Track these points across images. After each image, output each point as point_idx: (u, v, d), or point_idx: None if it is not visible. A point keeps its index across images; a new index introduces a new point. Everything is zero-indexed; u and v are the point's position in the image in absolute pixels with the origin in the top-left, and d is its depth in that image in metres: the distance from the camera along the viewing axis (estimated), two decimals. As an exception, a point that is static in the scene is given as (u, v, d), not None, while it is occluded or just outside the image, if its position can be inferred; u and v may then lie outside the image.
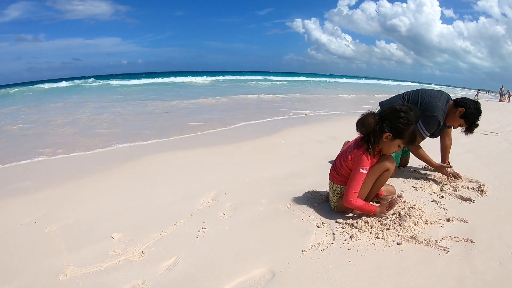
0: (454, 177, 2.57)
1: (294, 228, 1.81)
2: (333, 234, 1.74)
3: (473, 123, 2.50)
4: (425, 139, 2.64)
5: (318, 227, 1.82)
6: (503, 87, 21.26)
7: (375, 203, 2.03)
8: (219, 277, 1.39)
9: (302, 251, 1.57)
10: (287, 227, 1.82)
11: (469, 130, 2.54)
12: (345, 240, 1.67)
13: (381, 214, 1.85)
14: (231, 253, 1.57)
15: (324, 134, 4.71)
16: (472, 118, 2.48)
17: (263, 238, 1.71)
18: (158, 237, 1.73)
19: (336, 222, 1.86)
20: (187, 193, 2.37)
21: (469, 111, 2.46)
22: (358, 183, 1.82)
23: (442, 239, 1.65)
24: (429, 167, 2.85)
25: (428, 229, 1.75)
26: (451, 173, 2.59)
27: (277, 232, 1.77)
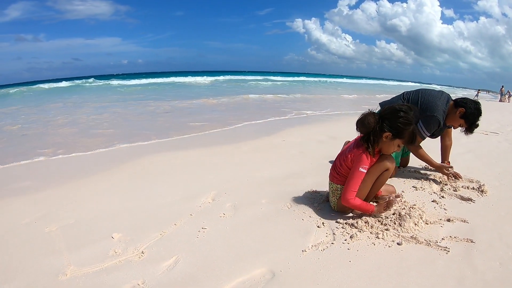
0: (455, 177, 2.57)
1: (294, 228, 1.81)
2: (333, 234, 1.74)
3: (473, 123, 2.50)
4: (425, 139, 2.64)
5: (318, 227, 1.81)
6: (503, 87, 21.27)
7: (374, 202, 2.03)
8: (219, 277, 1.39)
9: (302, 251, 1.57)
10: (287, 227, 1.82)
11: (469, 130, 2.54)
12: (345, 240, 1.67)
13: (378, 214, 1.85)
14: (231, 253, 1.57)
15: (324, 134, 4.71)
16: (472, 118, 2.48)
17: (263, 238, 1.71)
18: (158, 237, 1.73)
19: (336, 222, 1.86)
20: (187, 193, 2.37)
21: (469, 111, 2.46)
22: (357, 181, 1.82)
23: (443, 239, 1.65)
24: (429, 167, 2.85)
25: (429, 229, 1.75)
26: (452, 173, 2.59)
27: (277, 232, 1.77)
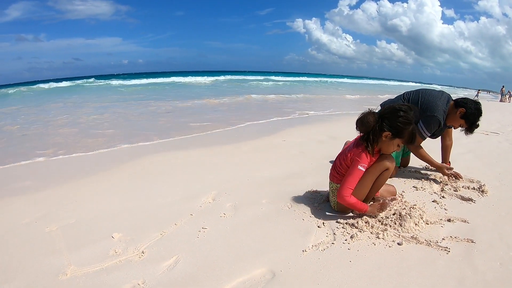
0: (455, 177, 2.57)
1: (294, 228, 1.81)
2: (334, 234, 1.73)
3: (474, 123, 2.50)
4: (425, 139, 2.64)
5: (318, 227, 1.81)
6: (504, 87, 21.27)
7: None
8: (219, 277, 1.39)
9: (303, 251, 1.57)
10: (287, 227, 1.82)
11: (470, 131, 2.53)
12: (345, 240, 1.67)
13: (371, 214, 1.85)
14: (232, 253, 1.57)
15: (325, 134, 4.71)
16: (473, 119, 2.47)
17: (263, 238, 1.71)
18: (159, 237, 1.73)
19: (337, 222, 1.86)
20: (187, 193, 2.37)
21: (470, 112, 2.46)
22: (354, 179, 1.82)
23: (443, 239, 1.65)
24: (429, 167, 2.85)
25: (429, 229, 1.75)
26: (452, 173, 2.58)
27: (278, 232, 1.77)
